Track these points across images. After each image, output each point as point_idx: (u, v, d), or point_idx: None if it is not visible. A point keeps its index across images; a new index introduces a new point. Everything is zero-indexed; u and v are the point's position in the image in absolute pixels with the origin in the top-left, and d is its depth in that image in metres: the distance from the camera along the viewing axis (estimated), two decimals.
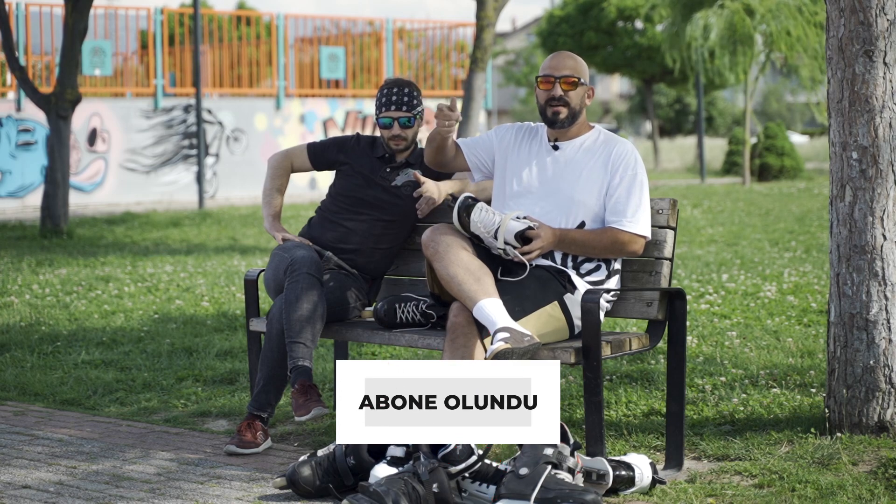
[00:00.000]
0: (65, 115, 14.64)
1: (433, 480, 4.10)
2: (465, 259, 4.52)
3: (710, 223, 15.51)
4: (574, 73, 4.78)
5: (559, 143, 4.84)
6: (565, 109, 4.78)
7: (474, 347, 4.45)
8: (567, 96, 4.77)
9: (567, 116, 4.78)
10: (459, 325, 4.46)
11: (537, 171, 4.82)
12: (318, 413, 4.87)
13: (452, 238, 4.57)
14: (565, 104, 4.77)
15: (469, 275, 4.48)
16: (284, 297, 5.04)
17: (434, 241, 4.58)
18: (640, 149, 41.68)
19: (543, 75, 4.79)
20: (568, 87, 4.77)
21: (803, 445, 4.75)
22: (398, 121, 5.35)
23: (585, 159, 4.78)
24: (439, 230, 4.62)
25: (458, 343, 4.45)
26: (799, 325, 7.46)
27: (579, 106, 4.80)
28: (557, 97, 4.77)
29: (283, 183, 5.55)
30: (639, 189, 4.73)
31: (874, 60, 4.77)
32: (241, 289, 9.46)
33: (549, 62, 4.82)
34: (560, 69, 4.79)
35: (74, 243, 13.91)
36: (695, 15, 25.76)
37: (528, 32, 61.77)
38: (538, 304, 4.58)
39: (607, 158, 4.76)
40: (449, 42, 26.93)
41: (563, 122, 4.79)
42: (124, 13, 23.38)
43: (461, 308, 4.48)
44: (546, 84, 4.79)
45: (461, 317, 4.47)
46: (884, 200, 4.78)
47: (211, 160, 23.24)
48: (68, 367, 6.74)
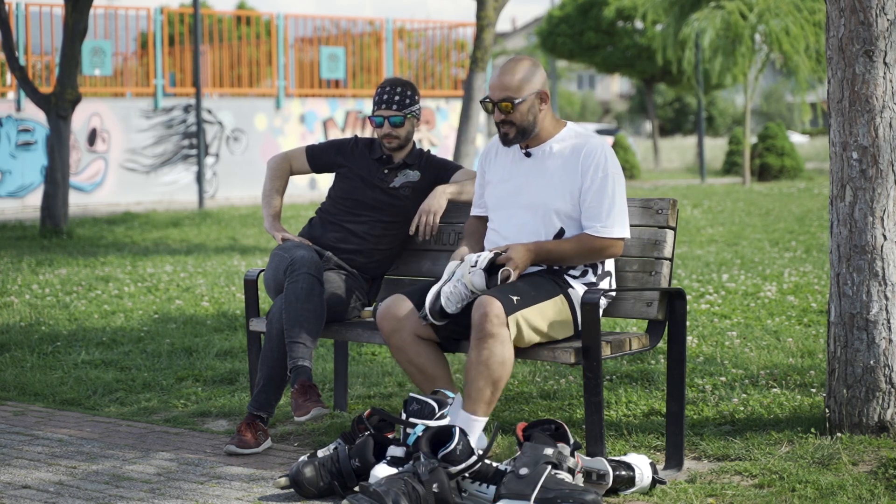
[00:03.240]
0: (65, 115, 14.63)
1: (433, 480, 4.10)
2: (414, 358, 4.70)
3: (710, 223, 15.51)
4: (510, 95, 4.66)
5: (530, 149, 4.79)
6: (513, 130, 4.71)
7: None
8: (510, 118, 4.69)
9: (517, 135, 4.72)
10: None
11: (512, 182, 4.80)
12: (318, 413, 4.87)
13: (402, 330, 4.69)
14: (510, 124, 4.71)
15: (420, 374, 4.73)
16: (284, 297, 5.04)
17: (387, 326, 4.72)
18: (640, 149, 41.70)
19: (485, 97, 4.74)
20: (507, 108, 4.68)
21: (803, 445, 4.75)
22: (389, 120, 5.36)
23: (557, 164, 4.73)
24: (391, 312, 4.71)
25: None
26: (799, 325, 7.46)
27: (528, 120, 4.70)
28: (499, 121, 4.71)
29: (282, 184, 5.55)
30: (611, 189, 4.66)
31: (874, 60, 4.77)
32: (241, 289, 9.46)
33: (491, 80, 4.74)
34: (497, 92, 4.70)
35: (74, 243, 13.91)
36: (691, 16, 25.79)
37: (528, 32, 61.73)
38: (550, 295, 4.61)
39: (577, 161, 4.70)
40: (449, 42, 26.93)
41: (514, 141, 4.74)
42: (124, 13, 23.38)
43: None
44: (488, 106, 4.75)
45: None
46: (884, 200, 4.78)
47: (211, 160, 23.24)
48: (68, 367, 6.74)
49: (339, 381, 5.75)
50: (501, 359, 4.44)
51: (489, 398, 4.47)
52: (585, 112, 64.95)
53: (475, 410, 4.48)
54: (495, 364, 4.43)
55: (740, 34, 24.69)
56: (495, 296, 4.48)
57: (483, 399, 4.46)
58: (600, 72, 42.09)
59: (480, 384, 4.45)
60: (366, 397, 5.95)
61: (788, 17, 23.88)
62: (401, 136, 5.39)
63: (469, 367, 4.47)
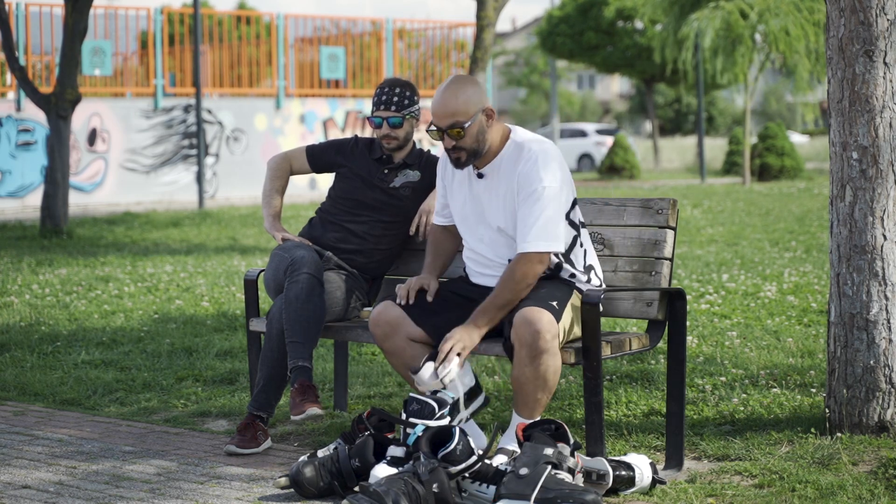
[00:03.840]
0: (65, 115, 14.64)
1: (433, 480, 4.10)
2: (409, 362, 4.69)
3: (710, 223, 15.51)
4: (458, 121, 4.55)
5: (482, 170, 4.70)
6: (464, 153, 4.62)
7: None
8: (460, 142, 4.60)
9: (468, 158, 4.63)
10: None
11: (471, 205, 4.73)
12: (312, 414, 4.86)
13: (395, 335, 4.71)
14: (461, 150, 4.62)
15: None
16: (284, 297, 5.03)
17: (379, 332, 4.74)
18: (640, 149, 41.69)
19: (431, 124, 4.63)
20: (456, 134, 4.58)
21: (803, 445, 4.75)
22: (388, 120, 5.36)
23: (503, 184, 4.65)
24: (383, 318, 4.73)
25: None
26: (799, 325, 7.46)
27: (479, 141, 4.61)
28: (449, 147, 4.62)
29: (282, 184, 5.55)
30: (539, 203, 4.50)
31: (874, 60, 4.77)
32: (241, 289, 9.46)
33: (434, 107, 4.59)
34: (442, 118, 4.57)
35: (74, 243, 13.91)
36: (690, 16, 25.79)
37: (528, 32, 61.76)
38: (569, 293, 4.60)
39: (514, 180, 4.61)
40: (449, 42, 26.94)
41: (464, 164, 4.65)
42: (124, 13, 23.39)
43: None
44: (435, 134, 4.64)
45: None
46: (884, 200, 4.78)
47: (211, 160, 23.24)
48: (68, 367, 6.73)
49: (339, 381, 5.75)
50: (555, 369, 4.44)
51: (545, 402, 4.51)
52: (585, 112, 64.96)
53: (532, 415, 4.52)
54: (551, 375, 4.44)
55: (740, 34, 24.70)
56: (539, 306, 4.43)
57: (541, 405, 4.51)
58: (600, 72, 42.10)
59: (538, 395, 4.47)
60: (366, 397, 5.95)
61: (788, 16, 23.88)
62: (399, 137, 5.39)
63: (524, 382, 4.44)
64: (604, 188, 25.73)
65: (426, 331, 4.70)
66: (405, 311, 4.73)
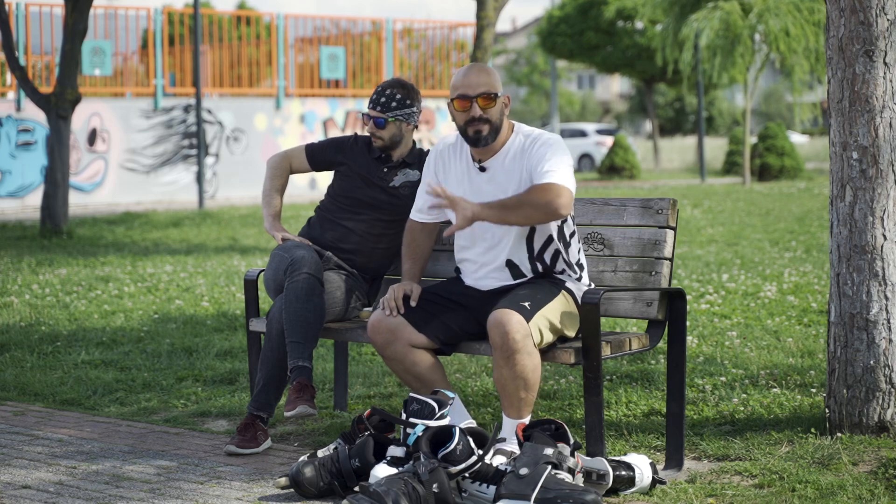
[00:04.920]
0: (65, 115, 14.64)
1: (433, 480, 4.10)
2: (410, 368, 4.72)
3: (710, 223, 15.51)
4: (489, 89, 4.63)
5: (484, 163, 4.72)
6: (487, 126, 4.64)
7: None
8: (487, 113, 4.63)
9: (490, 133, 4.65)
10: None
11: (470, 199, 4.67)
12: (303, 412, 4.86)
13: (396, 342, 4.72)
14: (486, 121, 4.64)
15: (418, 381, 4.74)
16: (284, 296, 5.03)
17: (380, 339, 4.74)
18: (640, 149, 41.72)
19: (459, 96, 4.65)
20: (486, 104, 4.62)
21: (803, 445, 4.75)
22: (374, 121, 5.36)
23: (511, 176, 4.67)
24: (383, 325, 4.73)
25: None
26: (799, 325, 7.46)
27: (500, 119, 4.67)
28: (477, 117, 4.63)
29: (282, 183, 5.54)
30: (559, 153, 4.57)
31: (874, 60, 4.77)
32: (241, 289, 9.46)
33: (462, 80, 4.67)
34: (475, 87, 4.63)
35: (74, 243, 13.91)
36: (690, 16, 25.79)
37: (528, 32, 61.77)
38: (553, 293, 4.61)
39: (525, 158, 4.65)
40: (449, 42, 26.94)
41: (486, 140, 4.66)
42: (124, 13, 23.39)
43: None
44: (463, 104, 4.65)
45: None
46: (884, 200, 4.78)
47: (211, 160, 23.25)
48: (68, 367, 6.73)
49: (339, 381, 5.75)
50: (532, 367, 4.46)
51: (530, 401, 4.53)
52: (585, 112, 64.94)
53: (520, 415, 4.53)
54: (529, 373, 4.46)
55: (739, 34, 24.70)
56: (509, 307, 4.46)
57: (526, 404, 4.52)
58: (600, 72, 42.11)
59: (521, 394, 4.49)
60: (366, 397, 5.95)
61: (788, 16, 23.89)
62: (384, 138, 5.38)
63: (504, 383, 4.47)
64: (604, 188, 25.73)
65: (428, 336, 4.72)
66: (404, 317, 4.73)
